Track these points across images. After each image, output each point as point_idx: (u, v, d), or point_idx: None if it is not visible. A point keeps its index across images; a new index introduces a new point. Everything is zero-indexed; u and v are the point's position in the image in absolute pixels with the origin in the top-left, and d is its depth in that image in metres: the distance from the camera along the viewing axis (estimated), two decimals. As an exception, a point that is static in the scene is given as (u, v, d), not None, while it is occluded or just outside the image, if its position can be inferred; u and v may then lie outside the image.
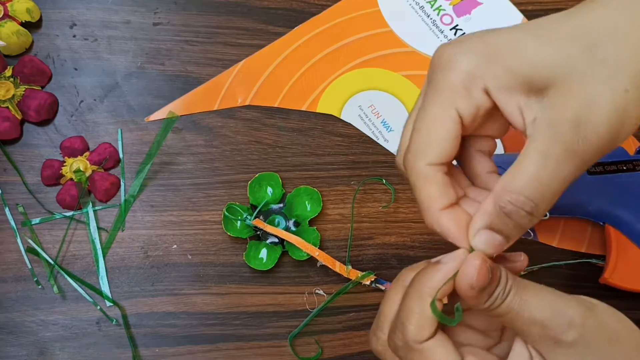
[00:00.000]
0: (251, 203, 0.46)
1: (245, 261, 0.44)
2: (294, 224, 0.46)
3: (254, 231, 0.45)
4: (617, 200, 0.43)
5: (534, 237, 0.47)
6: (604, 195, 0.44)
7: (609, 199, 0.43)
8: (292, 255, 0.45)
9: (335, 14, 0.51)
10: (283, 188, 0.46)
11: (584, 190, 0.44)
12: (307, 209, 0.46)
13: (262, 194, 0.46)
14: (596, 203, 0.44)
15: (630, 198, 0.43)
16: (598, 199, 0.44)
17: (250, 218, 0.45)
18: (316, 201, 0.46)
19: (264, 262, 0.45)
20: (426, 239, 0.46)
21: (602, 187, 0.44)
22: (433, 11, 0.51)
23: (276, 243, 0.45)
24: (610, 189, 0.44)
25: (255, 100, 0.49)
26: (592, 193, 0.44)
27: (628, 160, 0.44)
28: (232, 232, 0.45)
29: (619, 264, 0.43)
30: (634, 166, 0.44)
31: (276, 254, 0.45)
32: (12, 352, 0.43)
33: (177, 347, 0.43)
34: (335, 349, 0.44)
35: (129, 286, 0.44)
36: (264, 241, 0.45)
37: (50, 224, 0.45)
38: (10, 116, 0.46)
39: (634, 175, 0.44)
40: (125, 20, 0.49)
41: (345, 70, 0.49)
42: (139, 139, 0.47)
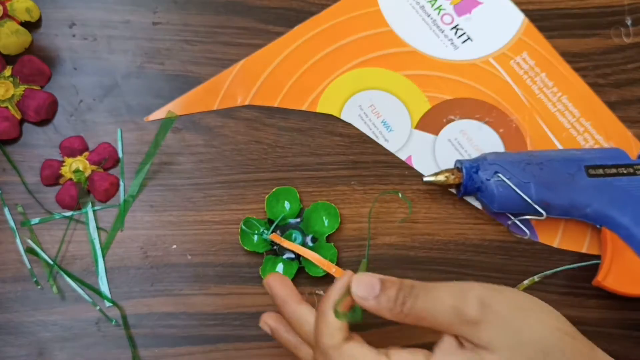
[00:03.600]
0: (268, 217, 0.45)
1: (260, 275, 0.44)
2: (312, 240, 0.45)
3: (271, 246, 0.45)
4: (616, 203, 0.43)
5: (532, 236, 0.46)
6: (603, 198, 0.43)
7: (607, 202, 0.43)
8: (308, 271, 0.44)
9: (335, 13, 0.51)
10: (301, 203, 0.46)
11: (583, 193, 0.43)
12: (325, 225, 0.46)
13: (280, 209, 0.46)
14: (594, 206, 0.43)
15: (629, 202, 0.43)
16: (596, 201, 0.43)
17: (267, 232, 0.45)
18: (333, 217, 0.46)
19: None
20: (427, 239, 0.46)
21: (600, 190, 0.43)
22: (433, 10, 0.51)
23: (292, 259, 0.45)
24: (609, 192, 0.43)
25: (255, 100, 0.48)
26: (591, 195, 0.43)
27: (629, 164, 0.44)
28: (248, 246, 0.44)
29: (613, 267, 0.43)
30: (634, 170, 0.44)
31: (292, 269, 0.44)
32: (11, 352, 0.43)
33: (176, 347, 0.43)
34: (335, 349, 0.44)
35: (128, 286, 0.44)
36: (280, 256, 0.45)
37: (50, 224, 0.45)
38: (10, 116, 0.46)
39: (634, 179, 0.44)
40: (124, 20, 0.49)
41: (345, 70, 0.49)
42: (138, 138, 0.47)
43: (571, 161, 0.44)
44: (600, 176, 0.44)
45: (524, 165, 0.44)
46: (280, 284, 0.37)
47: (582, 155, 0.45)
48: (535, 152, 0.45)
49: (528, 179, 0.43)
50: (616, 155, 0.45)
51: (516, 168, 0.44)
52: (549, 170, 0.44)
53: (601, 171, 0.44)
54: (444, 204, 0.47)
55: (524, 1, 0.51)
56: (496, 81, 0.49)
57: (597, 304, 0.45)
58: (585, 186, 0.43)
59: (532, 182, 0.43)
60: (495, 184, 0.43)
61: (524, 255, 0.46)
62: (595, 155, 0.45)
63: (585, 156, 0.45)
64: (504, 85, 0.49)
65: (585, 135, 0.48)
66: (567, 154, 0.45)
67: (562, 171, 0.44)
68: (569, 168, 0.44)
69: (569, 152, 0.46)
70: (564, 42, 0.50)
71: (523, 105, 0.49)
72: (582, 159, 0.44)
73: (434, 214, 0.47)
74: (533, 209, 0.43)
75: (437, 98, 0.49)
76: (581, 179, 0.44)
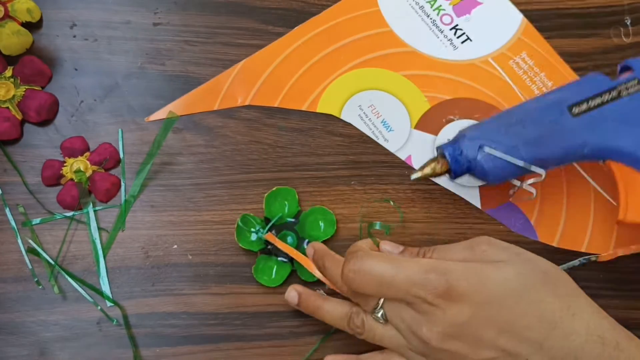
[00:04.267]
0: (265, 216, 0.46)
1: (253, 275, 0.44)
2: (306, 244, 0.45)
3: (265, 245, 0.45)
4: (611, 133, 0.40)
5: (531, 235, 0.47)
6: (596, 133, 0.40)
7: (602, 135, 0.40)
8: (300, 275, 0.44)
9: (335, 14, 0.51)
10: (299, 205, 0.46)
11: (574, 135, 0.40)
12: (320, 230, 0.46)
13: (278, 208, 0.46)
14: (590, 144, 0.40)
15: (624, 127, 0.40)
16: (590, 139, 0.40)
17: (263, 231, 0.45)
18: (330, 223, 0.46)
19: (272, 279, 0.44)
20: (426, 238, 0.46)
21: (591, 125, 0.40)
22: (433, 11, 0.51)
23: (285, 261, 0.45)
24: (601, 125, 0.40)
25: (255, 100, 0.49)
26: (583, 135, 0.40)
27: (611, 88, 0.41)
28: (243, 243, 0.45)
29: (630, 200, 0.40)
30: (618, 93, 0.41)
31: (285, 272, 0.44)
32: (12, 352, 0.43)
33: (177, 347, 0.43)
34: (335, 349, 0.44)
35: (129, 286, 0.44)
36: (274, 257, 0.45)
37: (51, 224, 0.45)
38: (11, 116, 0.46)
39: (621, 102, 0.41)
40: (125, 21, 0.49)
41: (345, 70, 0.49)
42: (139, 139, 0.47)
43: (552, 106, 0.41)
44: (586, 111, 0.41)
45: (506, 128, 0.41)
46: (320, 243, 0.43)
47: (561, 96, 0.42)
48: (513, 110, 0.43)
49: (514, 142, 0.41)
50: (595, 83, 0.42)
51: (499, 134, 0.41)
52: (532, 124, 0.41)
53: (585, 106, 0.41)
54: (444, 204, 0.47)
55: (523, 1, 0.51)
56: (495, 81, 0.49)
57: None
58: (574, 128, 0.40)
59: (519, 143, 0.41)
60: (483, 159, 0.41)
61: (524, 254, 0.47)
62: (574, 91, 0.42)
63: (565, 95, 0.42)
64: (504, 85, 0.49)
65: (585, 134, 0.49)
66: (545, 100, 0.42)
67: (546, 120, 0.41)
68: (552, 114, 0.41)
69: (546, 97, 0.42)
70: (563, 41, 0.51)
71: (522, 105, 0.49)
72: (562, 99, 0.41)
73: (434, 213, 0.47)
74: (530, 171, 0.41)
75: (436, 98, 0.49)
76: (568, 122, 0.41)
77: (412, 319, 0.36)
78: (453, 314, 0.34)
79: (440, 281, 0.35)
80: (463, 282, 0.34)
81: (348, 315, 0.39)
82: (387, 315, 0.37)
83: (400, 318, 0.37)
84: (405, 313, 0.36)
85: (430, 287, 0.35)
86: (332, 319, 0.40)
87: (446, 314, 0.35)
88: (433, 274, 0.35)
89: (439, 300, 0.34)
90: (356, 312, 0.39)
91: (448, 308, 0.34)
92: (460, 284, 0.34)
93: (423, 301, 0.35)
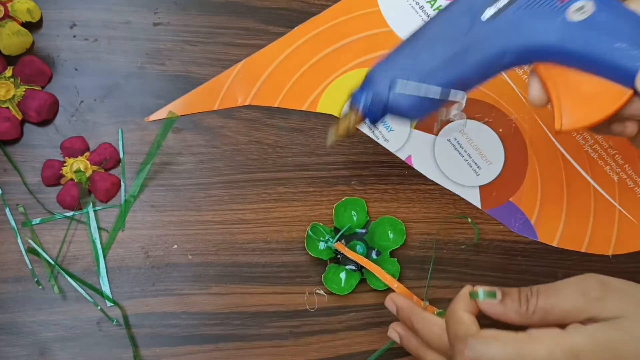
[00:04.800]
0: (335, 226, 0.46)
1: (323, 283, 0.45)
2: (376, 254, 0.46)
3: (335, 254, 0.45)
4: (531, 31, 0.34)
5: (531, 235, 0.47)
6: (515, 34, 0.34)
7: (521, 35, 0.34)
8: (370, 283, 0.45)
9: (335, 14, 0.51)
10: (368, 215, 0.46)
11: (491, 45, 0.35)
12: (390, 240, 0.46)
13: (347, 218, 0.46)
14: (510, 49, 0.35)
15: (543, 21, 0.34)
16: (510, 42, 0.35)
17: (332, 240, 0.45)
18: (399, 232, 0.46)
19: (341, 287, 0.45)
20: (426, 238, 0.46)
21: (507, 26, 0.35)
22: (433, 11, 0.51)
23: (355, 270, 0.45)
24: (518, 23, 0.34)
25: (255, 100, 0.49)
26: (501, 40, 0.35)
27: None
28: (313, 252, 0.45)
29: (565, 104, 0.34)
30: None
31: (354, 280, 0.45)
32: (12, 352, 0.43)
33: (177, 347, 0.44)
34: (335, 349, 0.44)
35: (129, 286, 0.44)
36: (343, 266, 0.45)
37: (51, 224, 0.45)
38: (11, 116, 0.46)
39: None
40: (125, 21, 0.49)
41: (345, 70, 0.49)
42: (139, 139, 0.47)
43: (460, 16, 0.35)
44: (499, 13, 0.34)
45: (416, 53, 0.35)
46: (403, 297, 0.41)
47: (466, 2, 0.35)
48: (422, 29, 0.36)
49: (428, 66, 0.35)
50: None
51: (409, 62, 0.35)
52: (442, 42, 0.35)
53: (496, 6, 0.34)
54: (444, 204, 0.47)
55: (523, 1, 0.51)
56: (495, 81, 0.49)
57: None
58: (489, 35, 0.34)
59: (433, 67, 0.35)
60: (398, 96, 0.35)
61: (524, 254, 0.47)
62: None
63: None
64: (503, 85, 0.49)
65: (585, 134, 0.49)
66: (452, 10, 0.36)
67: (457, 34, 0.35)
68: (462, 25, 0.35)
69: (453, 5, 0.36)
70: (564, 42, 0.50)
71: (522, 105, 0.49)
72: (471, 4, 0.35)
73: (434, 213, 0.47)
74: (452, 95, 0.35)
75: (437, 98, 0.49)
76: (481, 30, 0.35)
77: None
78: None
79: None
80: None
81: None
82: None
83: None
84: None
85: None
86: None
87: None
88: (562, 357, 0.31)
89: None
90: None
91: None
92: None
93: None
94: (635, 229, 0.47)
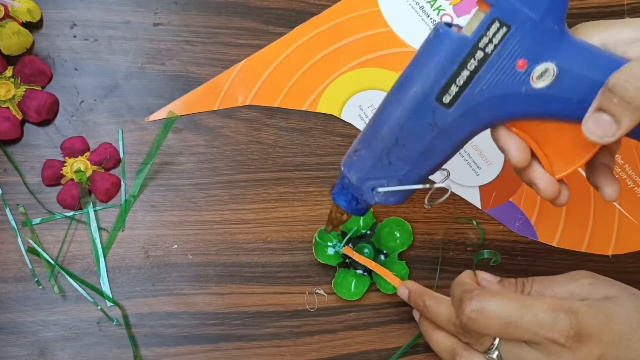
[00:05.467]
0: (342, 230, 0.46)
1: (333, 289, 0.45)
2: (385, 256, 0.46)
3: (343, 259, 0.45)
4: (495, 106, 0.32)
5: (531, 235, 0.47)
6: (481, 114, 0.32)
7: (487, 112, 0.32)
8: (379, 287, 0.45)
9: (335, 14, 0.51)
10: (373, 217, 0.46)
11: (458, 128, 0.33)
12: (397, 241, 0.46)
13: (353, 221, 0.46)
14: (481, 126, 0.33)
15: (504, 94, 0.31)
16: (477, 121, 0.32)
17: (340, 245, 0.45)
18: (406, 233, 0.46)
19: (351, 292, 0.44)
20: (426, 238, 0.46)
21: (471, 108, 0.32)
22: (433, 11, 0.51)
23: (363, 274, 0.45)
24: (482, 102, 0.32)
25: (255, 100, 0.49)
26: (468, 123, 0.32)
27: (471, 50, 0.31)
28: (321, 258, 0.45)
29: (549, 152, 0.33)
30: (483, 53, 0.31)
31: (364, 285, 0.45)
32: (12, 352, 0.43)
33: (177, 347, 0.44)
34: (335, 349, 0.44)
35: (129, 286, 0.44)
36: (352, 270, 0.45)
37: (51, 224, 0.45)
38: (11, 116, 0.46)
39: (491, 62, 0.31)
40: (125, 21, 0.49)
41: (345, 70, 0.50)
42: (139, 139, 0.47)
43: (420, 107, 0.32)
44: (459, 95, 0.32)
45: (385, 156, 0.34)
46: (414, 282, 0.43)
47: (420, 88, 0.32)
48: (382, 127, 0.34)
49: (402, 168, 0.34)
50: (448, 46, 0.31)
51: (383, 168, 0.34)
52: (410, 140, 0.33)
53: (454, 88, 0.31)
54: (444, 204, 0.47)
55: (523, 1, 0.51)
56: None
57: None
58: (455, 120, 0.32)
59: (407, 168, 0.34)
60: (382, 197, 0.35)
61: (524, 254, 0.47)
62: (430, 72, 0.31)
63: (424, 85, 0.32)
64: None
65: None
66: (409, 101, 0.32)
67: (423, 127, 0.33)
68: (424, 117, 0.32)
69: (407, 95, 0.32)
70: (564, 42, 0.50)
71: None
72: (426, 93, 0.32)
73: (434, 213, 0.47)
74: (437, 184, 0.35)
75: (436, 98, 0.49)
76: (446, 120, 0.32)
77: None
78: (583, 356, 0.34)
79: (571, 321, 0.33)
80: (592, 322, 0.34)
81: (453, 352, 0.38)
82: (503, 356, 0.36)
83: (519, 359, 0.35)
84: (526, 354, 0.35)
85: (561, 328, 0.33)
86: (438, 350, 0.40)
87: (576, 356, 0.34)
88: (562, 314, 0.34)
89: (570, 341, 0.33)
90: (461, 351, 0.38)
91: (578, 349, 0.33)
92: (590, 324, 0.33)
93: (553, 342, 0.34)
94: (635, 229, 0.47)
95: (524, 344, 0.35)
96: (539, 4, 0.29)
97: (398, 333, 0.45)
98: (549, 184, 0.33)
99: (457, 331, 0.38)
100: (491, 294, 0.35)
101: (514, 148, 0.33)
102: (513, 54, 0.30)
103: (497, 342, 0.36)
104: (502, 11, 0.30)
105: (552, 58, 0.30)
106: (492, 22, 0.30)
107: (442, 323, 0.39)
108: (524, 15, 0.29)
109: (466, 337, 0.37)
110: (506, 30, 0.30)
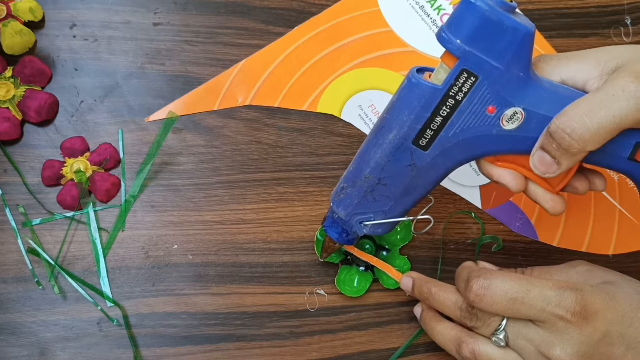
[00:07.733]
0: None
1: (336, 287, 0.45)
2: (386, 251, 0.46)
3: (345, 255, 0.45)
4: (470, 147, 0.34)
5: (532, 235, 0.47)
6: (456, 154, 0.35)
7: (462, 152, 0.35)
8: (382, 283, 0.45)
9: (335, 14, 0.51)
10: None
11: (437, 166, 0.35)
12: (398, 235, 0.46)
13: None
14: (457, 164, 0.36)
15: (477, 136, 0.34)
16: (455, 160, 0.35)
17: None
18: (407, 227, 0.46)
19: (354, 288, 0.44)
20: (427, 238, 0.46)
21: (447, 149, 0.34)
22: (433, 11, 0.51)
23: (365, 270, 0.45)
24: (455, 146, 0.34)
25: (255, 100, 0.49)
26: (445, 162, 0.35)
27: (443, 97, 0.33)
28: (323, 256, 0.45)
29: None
30: (454, 100, 0.33)
31: (367, 282, 0.45)
32: (13, 352, 0.43)
33: (178, 347, 0.43)
34: (335, 349, 0.44)
35: (129, 286, 0.44)
36: (354, 266, 0.45)
37: (51, 224, 0.45)
38: (11, 117, 0.46)
39: (461, 109, 0.33)
40: (125, 21, 0.49)
41: (345, 70, 0.49)
42: (139, 139, 0.47)
43: (399, 151, 0.35)
44: (434, 138, 0.34)
45: (370, 194, 0.37)
46: (418, 273, 0.43)
47: (398, 133, 0.34)
48: (363, 170, 0.37)
49: (386, 203, 0.37)
50: (420, 94, 0.33)
51: (368, 204, 0.38)
52: (392, 180, 0.36)
53: (429, 132, 0.34)
54: (445, 204, 0.47)
55: (523, 1, 0.51)
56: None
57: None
58: (433, 160, 0.35)
59: (390, 203, 0.37)
60: (370, 229, 0.39)
61: (524, 254, 0.47)
62: (406, 119, 0.34)
63: (401, 130, 0.34)
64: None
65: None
66: (388, 145, 0.35)
67: (403, 169, 0.36)
68: (403, 159, 0.35)
69: (385, 138, 0.35)
70: (564, 41, 0.51)
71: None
72: (403, 137, 0.34)
73: (434, 213, 0.47)
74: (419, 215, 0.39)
75: (437, 98, 0.49)
76: (424, 159, 0.35)
77: (542, 339, 0.35)
78: (589, 332, 0.34)
79: (577, 298, 0.34)
80: (597, 299, 0.34)
81: (458, 340, 0.38)
82: (509, 337, 0.36)
83: (526, 339, 0.36)
84: (532, 333, 0.35)
85: (567, 304, 0.34)
86: (442, 341, 0.40)
87: (582, 333, 0.34)
88: (568, 290, 0.34)
89: (577, 318, 0.34)
90: (466, 338, 0.38)
91: (584, 326, 0.34)
92: (595, 301, 0.34)
93: (559, 319, 0.34)
94: (635, 228, 0.47)
95: (530, 323, 0.35)
96: (503, 55, 0.31)
97: (398, 333, 0.45)
98: (549, 200, 0.36)
99: (462, 315, 0.38)
100: (498, 273, 0.37)
101: (509, 179, 0.35)
102: (482, 100, 0.32)
103: (505, 323, 0.36)
104: (469, 63, 0.31)
105: (519, 103, 0.33)
106: (461, 73, 0.32)
107: (448, 308, 0.39)
108: (490, 66, 0.31)
109: (472, 320, 0.37)
110: (474, 79, 0.32)
